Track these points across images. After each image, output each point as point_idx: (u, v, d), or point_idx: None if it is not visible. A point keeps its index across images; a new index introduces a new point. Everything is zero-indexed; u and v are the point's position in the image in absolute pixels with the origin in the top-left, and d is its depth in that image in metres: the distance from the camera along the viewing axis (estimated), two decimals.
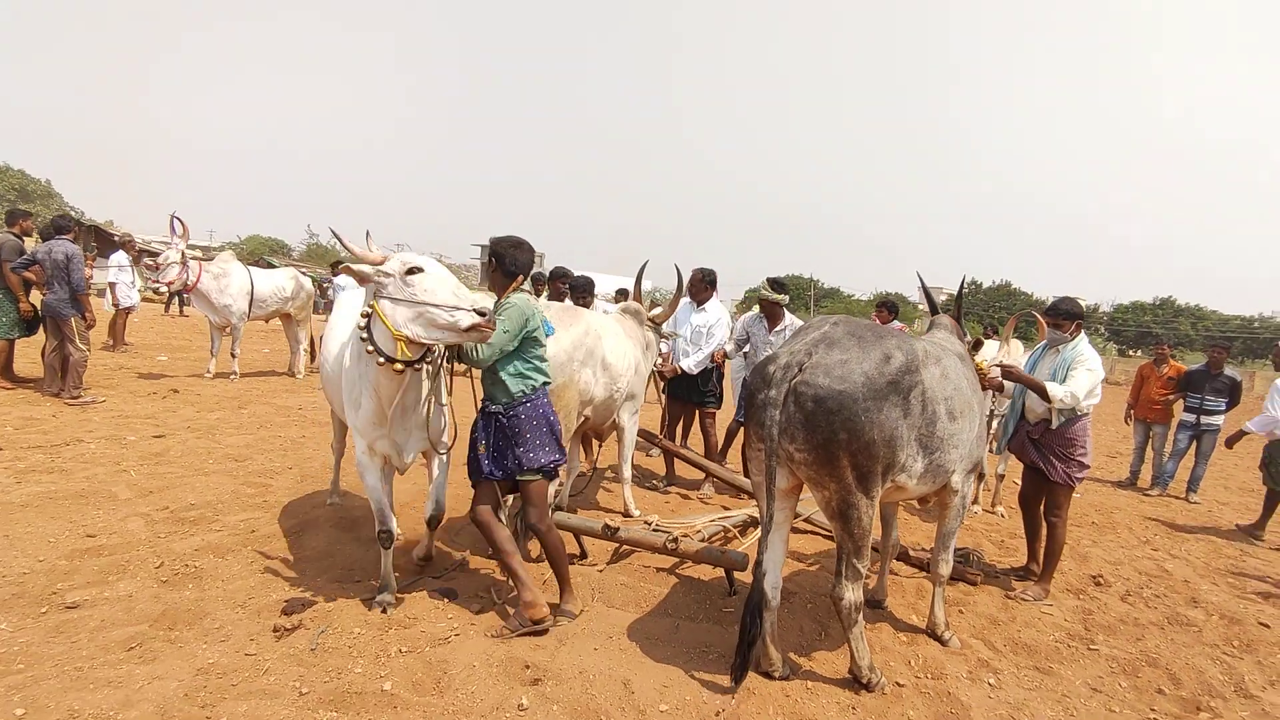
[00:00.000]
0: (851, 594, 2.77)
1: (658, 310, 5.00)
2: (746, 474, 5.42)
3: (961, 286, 4.29)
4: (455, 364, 3.25)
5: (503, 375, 3.10)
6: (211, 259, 9.08)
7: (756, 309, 5.65)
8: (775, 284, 5.40)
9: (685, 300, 5.62)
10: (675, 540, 3.55)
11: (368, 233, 3.22)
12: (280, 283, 9.52)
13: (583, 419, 4.18)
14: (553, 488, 4.30)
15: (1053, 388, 3.83)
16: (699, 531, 3.88)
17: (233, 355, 8.91)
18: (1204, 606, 4.14)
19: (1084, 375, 3.85)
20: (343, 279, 10.14)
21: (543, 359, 3.18)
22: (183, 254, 8.31)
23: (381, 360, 2.89)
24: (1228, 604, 4.21)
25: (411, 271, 2.86)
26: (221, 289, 8.70)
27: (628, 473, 4.85)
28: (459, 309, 2.80)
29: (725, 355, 5.73)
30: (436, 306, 2.80)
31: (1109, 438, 11.44)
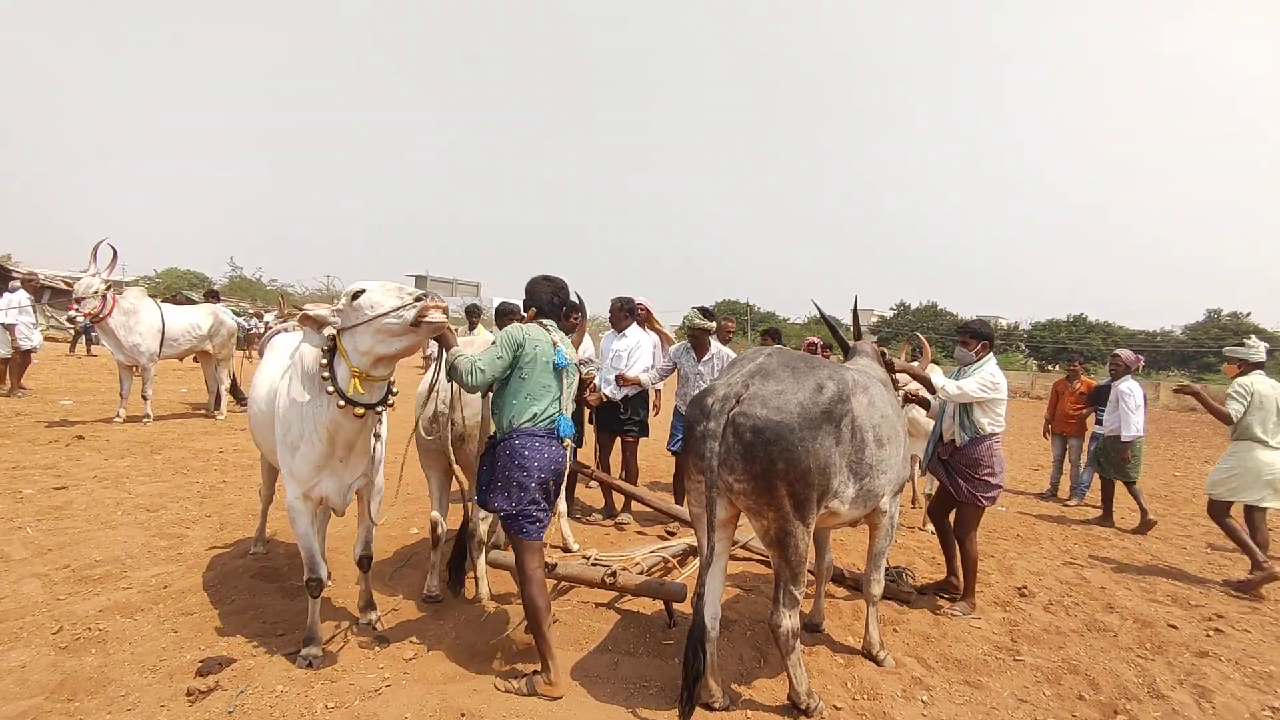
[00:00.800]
0: (789, 621, 2.80)
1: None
2: (678, 501, 5.49)
3: (855, 307, 4.40)
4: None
5: (493, 406, 3.05)
6: (122, 293, 8.63)
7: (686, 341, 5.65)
8: (705, 312, 5.39)
9: (608, 330, 5.75)
10: (614, 574, 3.52)
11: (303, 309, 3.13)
12: (196, 319, 9.10)
13: None
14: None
15: (938, 378, 3.97)
16: (637, 564, 3.86)
17: (144, 397, 8.44)
18: (1119, 611, 4.35)
19: (975, 381, 4.01)
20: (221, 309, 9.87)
21: (530, 396, 2.94)
22: (107, 284, 7.90)
23: (343, 403, 2.83)
24: (1140, 608, 4.43)
25: (356, 295, 2.82)
26: (129, 327, 8.25)
27: (563, 505, 4.79)
28: (402, 307, 2.75)
29: (639, 383, 5.42)
30: (385, 315, 2.75)
31: (1032, 451, 12.00)
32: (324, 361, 2.88)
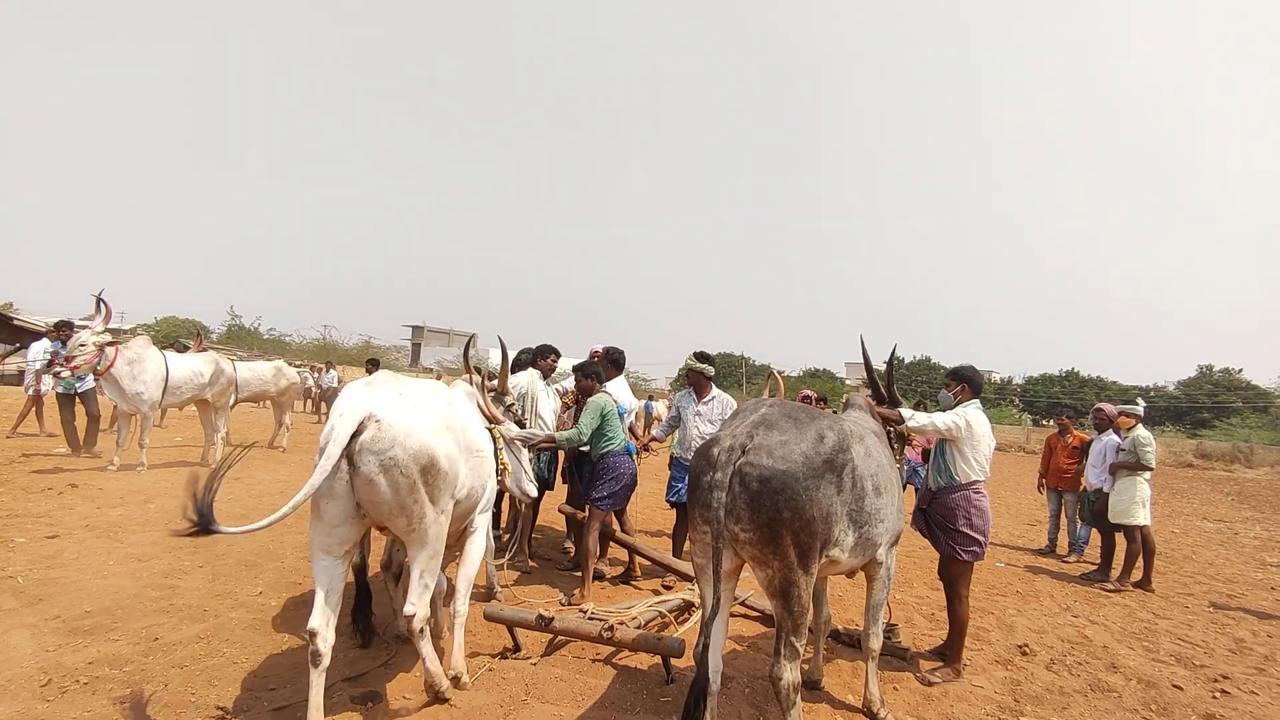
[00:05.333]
0: (790, 674, 2.77)
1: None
2: (677, 554, 5.47)
3: (891, 361, 4.45)
4: None
5: (593, 441, 5.11)
6: (125, 342, 8.68)
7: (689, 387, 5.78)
8: (702, 356, 5.59)
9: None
10: (611, 629, 3.49)
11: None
12: (198, 367, 9.14)
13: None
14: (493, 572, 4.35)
15: (906, 411, 3.92)
16: (635, 618, 3.83)
17: (141, 445, 8.40)
18: (1122, 671, 4.29)
19: (944, 416, 3.93)
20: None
21: (610, 434, 5.11)
22: (110, 340, 7.97)
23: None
24: (1144, 668, 4.38)
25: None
26: (134, 375, 8.27)
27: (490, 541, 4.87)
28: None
29: (653, 438, 6.13)
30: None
31: (1029, 505, 11.96)
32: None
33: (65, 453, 9.13)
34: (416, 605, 3.00)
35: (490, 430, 3.89)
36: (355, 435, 2.74)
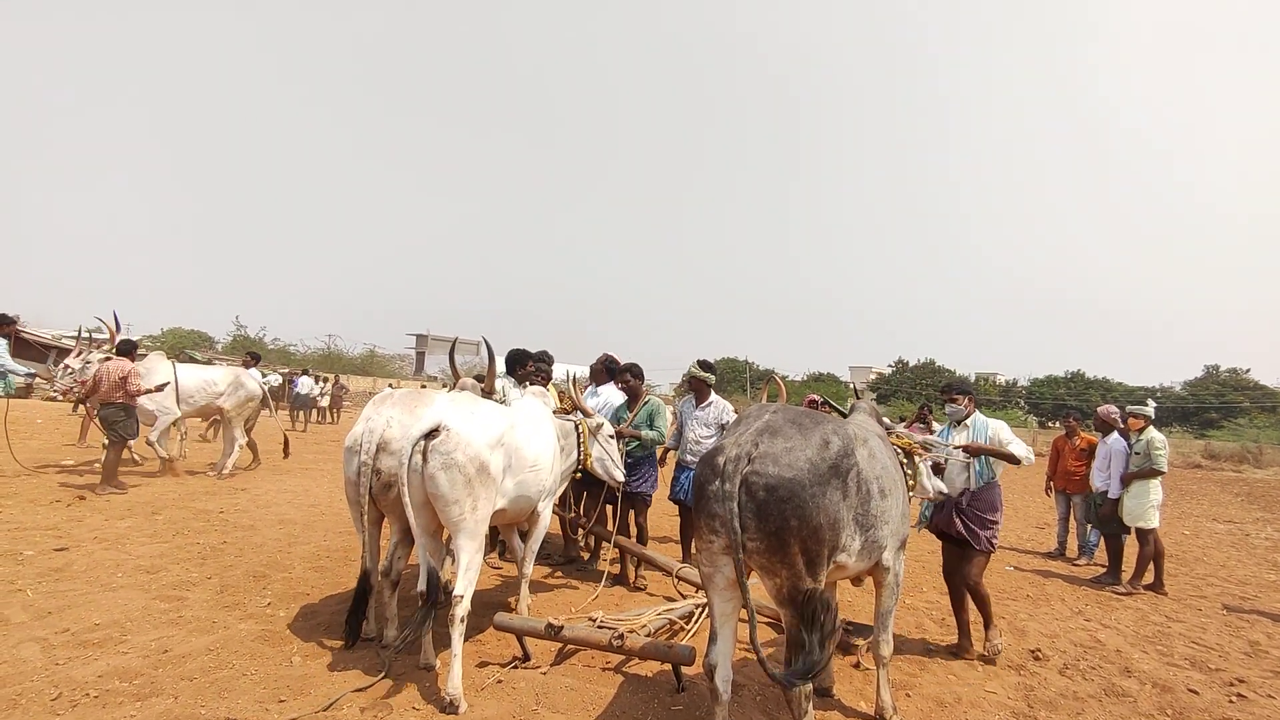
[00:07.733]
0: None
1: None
2: (687, 556, 5.46)
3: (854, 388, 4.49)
4: None
5: (642, 437, 5.61)
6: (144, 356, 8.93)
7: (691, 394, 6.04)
8: (704, 365, 5.87)
9: (590, 385, 6.59)
10: (620, 637, 3.48)
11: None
12: (212, 377, 9.29)
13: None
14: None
15: (1020, 449, 4.24)
16: (644, 626, 3.81)
17: (149, 442, 8.72)
18: (1137, 676, 4.25)
19: (1010, 434, 4.35)
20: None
21: (662, 431, 5.69)
22: (106, 355, 8.26)
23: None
24: (1158, 672, 4.34)
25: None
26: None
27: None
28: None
29: (666, 448, 6.12)
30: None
31: (1037, 509, 11.88)
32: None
33: (73, 464, 9.15)
34: (464, 591, 3.43)
35: (576, 424, 4.66)
36: (431, 438, 3.41)
